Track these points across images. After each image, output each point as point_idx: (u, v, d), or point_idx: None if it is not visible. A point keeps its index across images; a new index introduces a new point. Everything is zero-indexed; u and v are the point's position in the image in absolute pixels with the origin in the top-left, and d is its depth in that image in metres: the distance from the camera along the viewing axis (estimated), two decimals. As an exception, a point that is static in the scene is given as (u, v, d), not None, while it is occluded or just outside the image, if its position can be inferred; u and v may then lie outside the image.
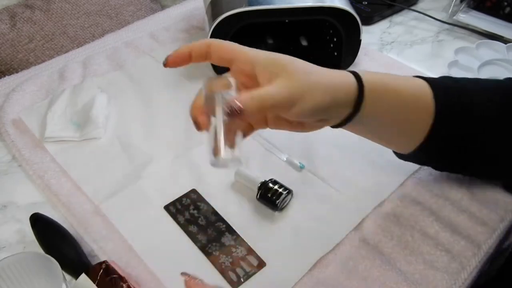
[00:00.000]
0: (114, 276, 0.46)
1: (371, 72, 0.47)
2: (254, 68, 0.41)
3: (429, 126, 0.48)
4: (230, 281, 0.49)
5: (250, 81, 0.42)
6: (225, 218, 0.55)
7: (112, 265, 0.48)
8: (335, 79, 0.44)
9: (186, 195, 0.57)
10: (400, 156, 0.54)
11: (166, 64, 0.43)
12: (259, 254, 0.51)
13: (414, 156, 0.52)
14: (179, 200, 0.57)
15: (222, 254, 0.51)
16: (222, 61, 0.43)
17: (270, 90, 0.40)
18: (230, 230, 0.54)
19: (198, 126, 0.41)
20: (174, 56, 0.43)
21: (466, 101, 0.49)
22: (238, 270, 0.50)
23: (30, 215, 0.53)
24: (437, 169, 0.57)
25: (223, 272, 0.50)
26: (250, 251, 0.52)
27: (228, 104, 0.38)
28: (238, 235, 0.53)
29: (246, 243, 0.52)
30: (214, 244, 0.52)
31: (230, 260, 0.51)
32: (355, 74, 0.45)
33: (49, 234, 0.52)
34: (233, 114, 0.38)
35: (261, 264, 0.50)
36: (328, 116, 0.45)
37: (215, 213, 0.56)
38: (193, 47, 0.43)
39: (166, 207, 0.56)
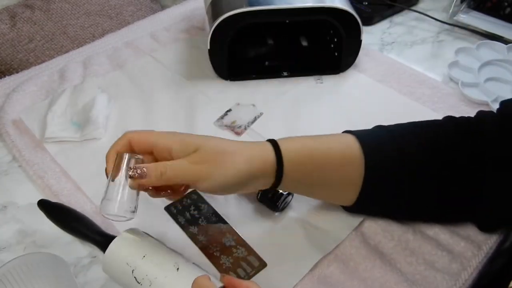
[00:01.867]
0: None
1: (292, 139, 0.47)
2: (171, 152, 0.43)
3: (361, 179, 0.48)
4: None
5: None
6: (226, 219, 0.55)
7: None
8: (251, 154, 0.44)
9: (186, 196, 0.57)
10: (348, 209, 0.54)
11: (134, 176, 0.43)
12: (260, 254, 0.51)
13: (359, 208, 0.52)
14: (179, 200, 0.57)
15: (223, 254, 0.51)
16: (144, 151, 0.45)
17: (176, 163, 0.42)
18: (230, 231, 0.54)
19: (106, 171, 0.44)
20: (108, 166, 0.44)
21: (394, 148, 0.49)
22: (239, 270, 0.50)
23: (38, 201, 0.54)
24: (386, 217, 0.55)
25: (224, 273, 0.50)
26: (251, 251, 0.51)
27: (134, 166, 0.42)
28: (238, 236, 0.53)
29: (246, 243, 0.52)
30: (214, 245, 0.52)
31: (231, 260, 0.51)
32: (274, 145, 0.46)
33: (66, 216, 0.52)
34: (136, 176, 0.42)
35: (262, 264, 0.50)
36: (246, 189, 0.46)
37: (216, 214, 0.56)
38: (116, 146, 0.44)
39: (167, 208, 0.56)
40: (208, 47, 0.72)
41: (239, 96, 0.73)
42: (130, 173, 0.42)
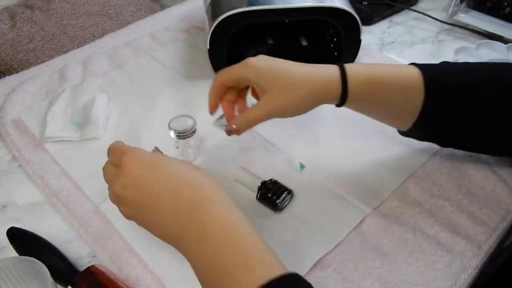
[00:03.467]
0: (100, 282, 0.46)
1: (358, 65, 0.52)
2: (250, 81, 0.52)
3: (420, 107, 0.51)
4: None
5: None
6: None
7: (101, 268, 0.47)
8: (316, 87, 0.50)
9: None
10: (402, 133, 0.58)
11: (230, 131, 0.53)
12: (259, 254, 0.51)
13: (413, 134, 0.56)
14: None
15: None
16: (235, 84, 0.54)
17: (253, 113, 0.51)
18: None
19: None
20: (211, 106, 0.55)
21: (455, 81, 0.52)
22: None
23: (7, 230, 0.52)
24: (440, 145, 0.59)
25: None
26: None
27: (227, 126, 0.53)
28: None
29: None
30: None
31: None
32: (341, 68, 0.50)
33: (31, 246, 0.51)
34: (232, 131, 0.53)
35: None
36: (312, 107, 0.52)
37: None
38: (217, 87, 0.55)
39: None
40: (208, 47, 0.72)
41: (239, 96, 0.73)
42: (227, 129, 0.53)
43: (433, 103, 0.51)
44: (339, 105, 0.52)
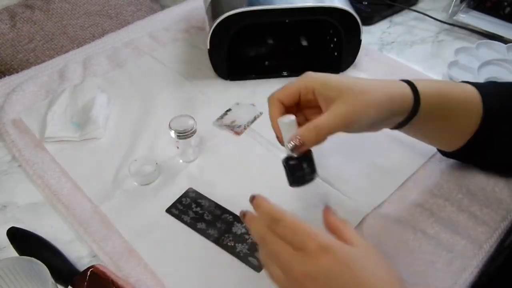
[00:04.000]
0: (101, 282, 0.46)
1: (423, 80, 0.49)
2: (314, 93, 0.46)
3: (475, 128, 0.51)
4: (253, 266, 0.50)
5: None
6: (230, 210, 0.55)
7: (101, 268, 0.47)
8: (390, 93, 0.46)
9: (184, 195, 0.57)
10: (444, 153, 0.58)
11: (296, 148, 0.45)
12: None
13: (458, 155, 0.55)
14: (179, 201, 0.57)
15: (237, 242, 0.52)
16: (293, 102, 0.48)
17: (324, 119, 0.44)
18: (238, 219, 0.54)
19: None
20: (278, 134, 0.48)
21: (507, 101, 0.52)
22: (258, 254, 0.48)
23: (7, 230, 0.52)
24: (481, 168, 0.59)
25: (243, 260, 0.50)
26: None
27: (291, 139, 0.44)
28: None
29: None
30: (226, 235, 0.53)
31: (247, 247, 0.51)
32: (410, 84, 0.48)
33: (31, 246, 0.51)
34: (297, 148, 0.45)
35: None
36: (385, 125, 0.49)
37: (219, 206, 0.56)
38: (274, 115, 0.48)
39: (168, 210, 0.56)
40: (208, 47, 0.72)
41: (238, 96, 0.73)
42: (290, 147, 0.45)
43: (489, 123, 0.50)
44: (405, 121, 0.49)
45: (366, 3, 0.93)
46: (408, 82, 0.48)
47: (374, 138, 0.62)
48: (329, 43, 0.78)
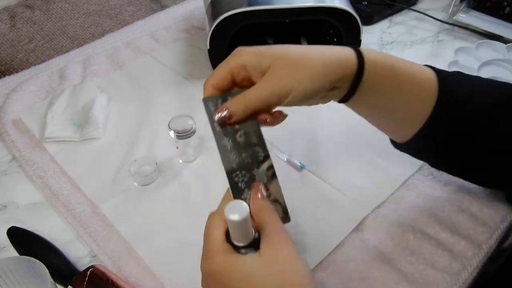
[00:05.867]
0: (100, 282, 0.46)
1: (377, 52, 0.45)
2: (247, 68, 0.41)
3: (429, 113, 0.46)
4: None
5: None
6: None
7: (101, 268, 0.47)
8: (329, 59, 0.42)
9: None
10: (397, 145, 0.53)
11: (223, 120, 0.42)
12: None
13: (410, 146, 0.50)
14: (223, 97, 0.43)
15: (247, 188, 0.41)
16: (230, 83, 0.43)
17: (253, 90, 0.41)
18: (267, 160, 0.43)
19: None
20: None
21: (466, 94, 0.47)
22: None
23: (7, 230, 0.52)
24: (432, 165, 0.56)
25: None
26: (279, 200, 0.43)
27: (217, 113, 0.41)
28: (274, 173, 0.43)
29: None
30: (243, 172, 0.42)
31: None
32: (357, 52, 0.43)
33: (30, 246, 0.51)
34: (225, 120, 0.41)
35: (285, 218, 0.42)
36: (325, 99, 0.45)
37: (260, 135, 0.43)
38: (207, 94, 0.43)
39: (205, 101, 0.44)
40: (208, 47, 0.72)
41: (239, 96, 0.73)
42: (216, 119, 0.41)
43: (444, 108, 0.46)
44: (346, 96, 0.45)
45: (366, 3, 0.93)
46: (356, 49, 0.44)
47: (374, 138, 0.62)
48: (329, 43, 0.78)
